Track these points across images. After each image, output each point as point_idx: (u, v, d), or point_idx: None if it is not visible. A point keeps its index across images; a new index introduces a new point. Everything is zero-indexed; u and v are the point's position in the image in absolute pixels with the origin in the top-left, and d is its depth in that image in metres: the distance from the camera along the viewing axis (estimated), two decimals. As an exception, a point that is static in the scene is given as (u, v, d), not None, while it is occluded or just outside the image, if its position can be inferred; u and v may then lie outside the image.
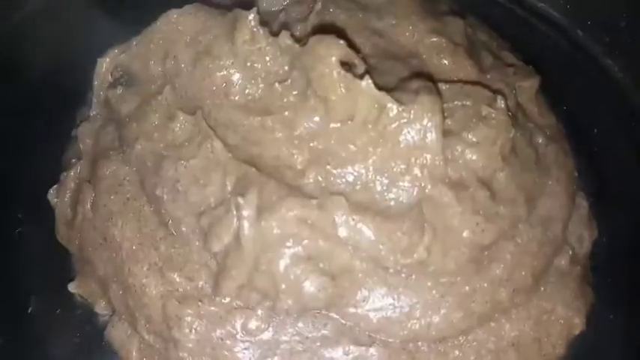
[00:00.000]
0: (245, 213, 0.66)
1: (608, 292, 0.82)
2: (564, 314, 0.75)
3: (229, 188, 0.70)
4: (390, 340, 0.69)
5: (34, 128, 0.89)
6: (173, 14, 0.79)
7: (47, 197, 0.84)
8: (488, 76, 0.84)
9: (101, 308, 0.78)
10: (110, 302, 0.75)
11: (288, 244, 0.67)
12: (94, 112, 0.86)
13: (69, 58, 0.92)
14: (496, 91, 0.79)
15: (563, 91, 0.97)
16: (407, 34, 0.83)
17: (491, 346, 0.71)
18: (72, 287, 0.79)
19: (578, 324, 0.75)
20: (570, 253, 0.79)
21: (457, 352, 0.70)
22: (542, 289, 0.75)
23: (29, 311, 0.79)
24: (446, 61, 0.84)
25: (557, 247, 0.77)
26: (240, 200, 0.66)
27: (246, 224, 0.66)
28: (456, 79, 0.81)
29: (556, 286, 0.76)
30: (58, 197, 0.83)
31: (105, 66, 0.84)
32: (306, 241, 0.68)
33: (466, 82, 0.80)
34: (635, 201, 0.89)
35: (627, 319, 0.81)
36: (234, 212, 0.67)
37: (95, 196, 0.77)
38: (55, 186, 0.84)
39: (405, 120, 0.70)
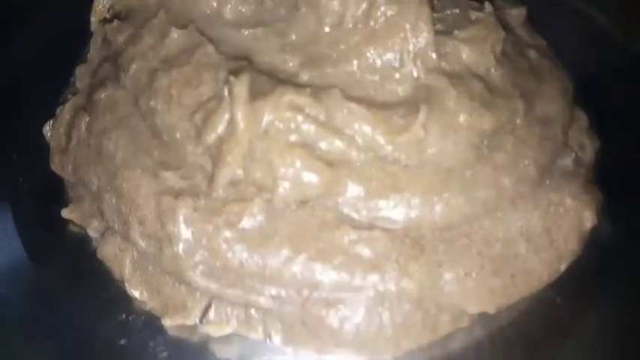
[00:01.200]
0: (238, 92, 0.65)
1: (617, 202, 0.80)
2: (573, 206, 0.72)
3: (222, 79, 0.69)
4: (392, 226, 0.66)
5: (34, 75, 0.91)
6: (166, -57, 0.82)
7: (42, 132, 0.84)
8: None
9: (94, 230, 0.76)
10: (103, 218, 0.73)
11: (282, 130, 0.66)
12: (92, 53, 0.87)
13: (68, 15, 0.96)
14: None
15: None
16: None
17: (499, 234, 0.68)
18: (65, 213, 0.77)
19: (589, 216, 0.72)
20: (573, 155, 0.77)
21: (465, 240, 0.67)
22: (547, 182, 0.73)
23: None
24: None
25: (558, 146, 0.76)
26: (233, 80, 0.66)
27: (239, 103, 0.65)
28: (444, -2, 0.83)
29: (562, 181, 0.74)
30: (53, 129, 0.82)
31: (102, 3, 0.86)
32: (301, 128, 0.67)
33: (455, -1, 0.82)
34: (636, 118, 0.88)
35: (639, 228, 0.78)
36: (227, 95, 0.66)
37: (90, 118, 0.77)
38: (50, 121, 0.84)
39: (394, 12, 0.71)
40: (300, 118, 0.67)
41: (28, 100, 0.90)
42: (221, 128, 0.67)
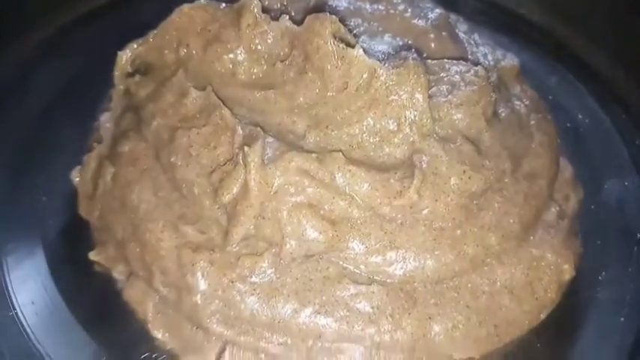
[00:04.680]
0: (251, 160, 0.73)
1: (597, 250, 0.87)
2: (554, 260, 0.79)
3: (237, 146, 0.77)
4: (388, 280, 0.74)
5: (58, 122, 0.98)
6: (186, 7, 0.89)
7: (70, 178, 0.91)
8: (471, 57, 0.93)
9: (119, 273, 0.83)
10: (128, 263, 0.81)
11: (290, 191, 0.74)
12: (115, 101, 0.94)
13: (91, 62, 1.03)
14: (478, 65, 0.87)
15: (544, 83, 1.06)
16: (398, 19, 0.93)
17: (485, 288, 0.76)
18: (92, 255, 0.84)
19: (567, 270, 0.79)
20: (557, 209, 0.84)
21: (453, 294, 0.75)
22: (531, 237, 0.80)
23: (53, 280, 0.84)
24: (432, 45, 0.93)
25: (543, 202, 0.83)
26: (247, 150, 0.73)
27: (252, 171, 0.73)
28: (440, 57, 0.90)
29: (544, 236, 0.81)
30: (80, 176, 0.90)
31: (124, 58, 0.93)
32: (307, 190, 0.74)
33: (450, 59, 0.88)
34: (618, 168, 0.95)
35: (616, 275, 0.85)
36: (242, 162, 0.74)
37: (115, 170, 0.85)
38: (77, 167, 0.91)
39: (393, 82, 0.78)
40: (306, 181, 0.74)
41: (55, 142, 0.97)
42: (235, 190, 0.74)
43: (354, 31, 0.91)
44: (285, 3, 0.98)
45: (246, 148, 0.73)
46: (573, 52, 1.14)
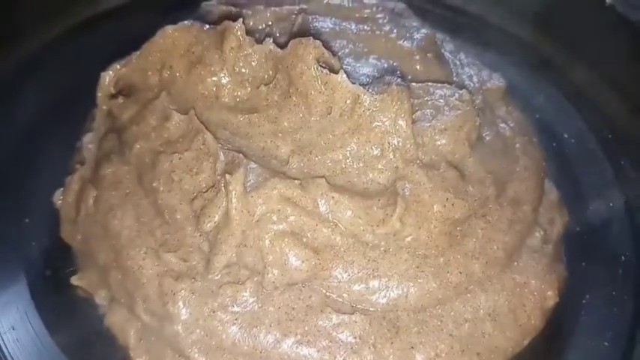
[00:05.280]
0: (233, 189, 0.72)
1: (582, 273, 0.87)
2: (537, 287, 0.79)
3: (219, 172, 0.76)
4: (371, 309, 0.74)
5: (41, 141, 0.97)
6: (169, 29, 0.88)
7: (52, 200, 0.90)
8: (456, 79, 0.92)
9: (101, 298, 0.82)
10: (110, 289, 0.80)
11: (273, 219, 0.73)
12: (98, 122, 0.93)
13: (74, 79, 1.02)
14: (463, 89, 0.87)
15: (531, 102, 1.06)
16: (383, 40, 0.92)
17: (468, 315, 0.75)
18: (74, 280, 0.84)
19: (551, 296, 0.79)
20: (542, 233, 0.84)
21: (436, 322, 0.74)
22: (515, 264, 0.80)
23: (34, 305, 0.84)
24: (417, 67, 0.92)
25: (527, 227, 0.83)
26: (229, 177, 0.72)
27: (234, 199, 0.72)
28: (425, 79, 0.89)
29: (529, 262, 0.81)
30: (62, 199, 0.89)
31: (108, 79, 0.92)
32: (289, 218, 0.74)
33: (435, 82, 0.88)
34: (603, 189, 0.95)
35: (600, 299, 0.85)
36: (223, 190, 0.73)
37: (97, 193, 0.84)
38: (59, 190, 0.90)
39: (377, 108, 0.78)
40: (289, 209, 0.74)
41: (37, 162, 0.97)
42: (217, 218, 0.74)
43: (339, 53, 0.90)
44: (270, 23, 0.97)
45: (227, 176, 0.73)
46: (560, 70, 1.14)
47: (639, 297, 0.84)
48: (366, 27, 0.96)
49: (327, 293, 0.74)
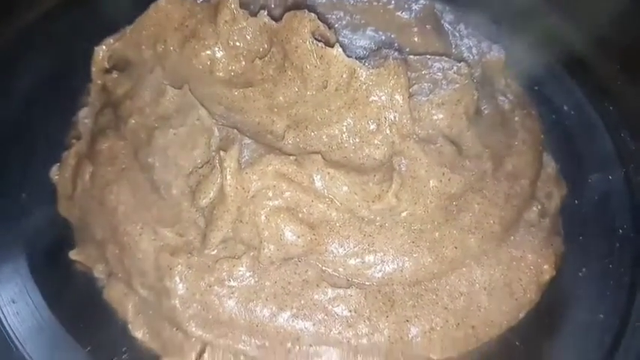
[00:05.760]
0: (227, 165, 0.72)
1: (579, 246, 0.87)
2: (533, 260, 0.79)
3: (214, 148, 0.76)
4: (366, 283, 0.74)
5: (37, 116, 0.96)
6: (162, 2, 0.87)
7: (49, 175, 0.90)
8: (455, 51, 0.91)
9: (99, 272, 0.83)
10: (107, 264, 0.80)
11: (268, 195, 0.73)
12: (92, 98, 0.93)
13: (69, 52, 1.01)
14: (461, 61, 0.86)
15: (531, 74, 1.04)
16: (381, 11, 0.91)
17: (463, 289, 0.76)
18: (73, 254, 0.84)
19: (547, 270, 0.79)
20: (539, 207, 0.84)
21: (431, 295, 0.75)
22: (511, 238, 0.80)
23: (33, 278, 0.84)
24: (415, 39, 0.91)
25: (524, 201, 0.82)
26: (223, 154, 0.72)
27: (228, 176, 0.72)
28: (423, 52, 0.88)
29: (525, 236, 0.81)
30: (59, 174, 0.89)
31: (101, 54, 0.91)
32: (285, 194, 0.73)
33: (433, 54, 0.87)
34: (602, 161, 0.94)
35: (597, 272, 0.85)
36: (218, 167, 0.73)
37: (93, 169, 0.84)
38: (55, 165, 0.90)
39: (373, 83, 0.77)
40: (284, 184, 0.73)
41: (34, 137, 0.96)
42: (212, 194, 0.74)
43: (336, 25, 0.89)
44: (264, -5, 0.96)
45: (222, 153, 0.72)
46: (562, 42, 1.12)
47: (636, 269, 0.85)
48: (363, -2, 0.95)
49: (323, 268, 0.74)
